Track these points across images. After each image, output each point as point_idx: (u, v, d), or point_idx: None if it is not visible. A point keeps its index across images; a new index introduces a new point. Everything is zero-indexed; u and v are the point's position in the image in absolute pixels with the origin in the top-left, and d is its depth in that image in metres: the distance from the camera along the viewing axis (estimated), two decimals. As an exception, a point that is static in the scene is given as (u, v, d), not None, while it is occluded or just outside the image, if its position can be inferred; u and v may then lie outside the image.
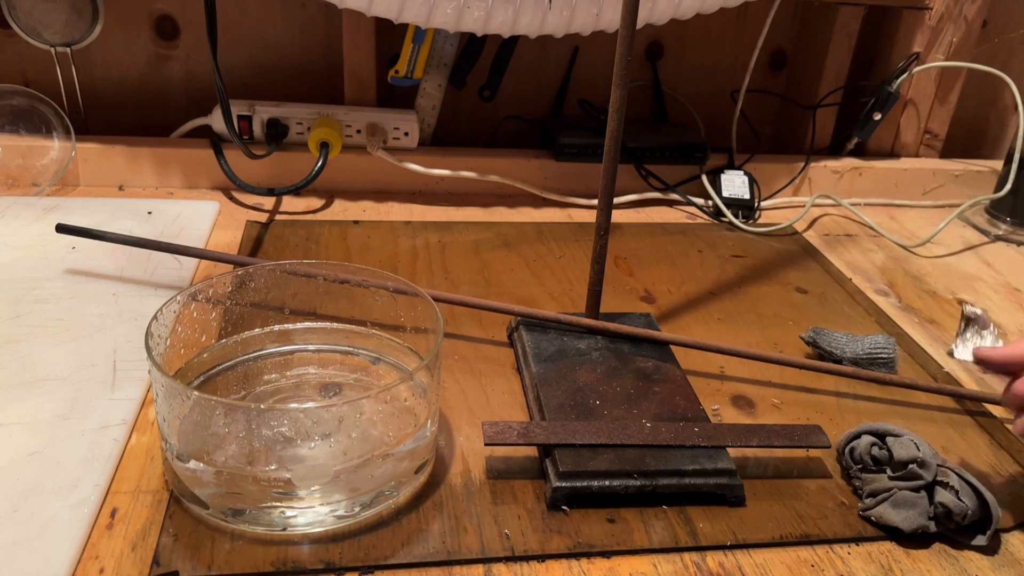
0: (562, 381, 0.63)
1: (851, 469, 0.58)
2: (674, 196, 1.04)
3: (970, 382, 0.72)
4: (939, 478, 0.53)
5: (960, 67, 1.10)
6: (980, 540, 0.53)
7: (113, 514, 0.50)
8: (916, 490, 0.53)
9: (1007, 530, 0.55)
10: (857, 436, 0.58)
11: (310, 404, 0.56)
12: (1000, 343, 0.71)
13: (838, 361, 0.71)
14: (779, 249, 0.95)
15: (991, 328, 0.72)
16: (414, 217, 0.95)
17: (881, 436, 0.57)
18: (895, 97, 1.06)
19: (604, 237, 0.67)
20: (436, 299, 0.59)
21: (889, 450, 0.55)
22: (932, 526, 0.53)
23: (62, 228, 0.74)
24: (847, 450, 0.58)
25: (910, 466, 0.54)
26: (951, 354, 0.72)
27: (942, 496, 0.53)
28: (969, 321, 0.72)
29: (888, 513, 0.53)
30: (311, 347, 0.64)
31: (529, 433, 0.56)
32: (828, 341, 0.72)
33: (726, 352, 0.69)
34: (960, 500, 0.52)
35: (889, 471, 0.55)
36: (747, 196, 1.02)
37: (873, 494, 0.55)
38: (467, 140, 1.10)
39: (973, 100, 1.22)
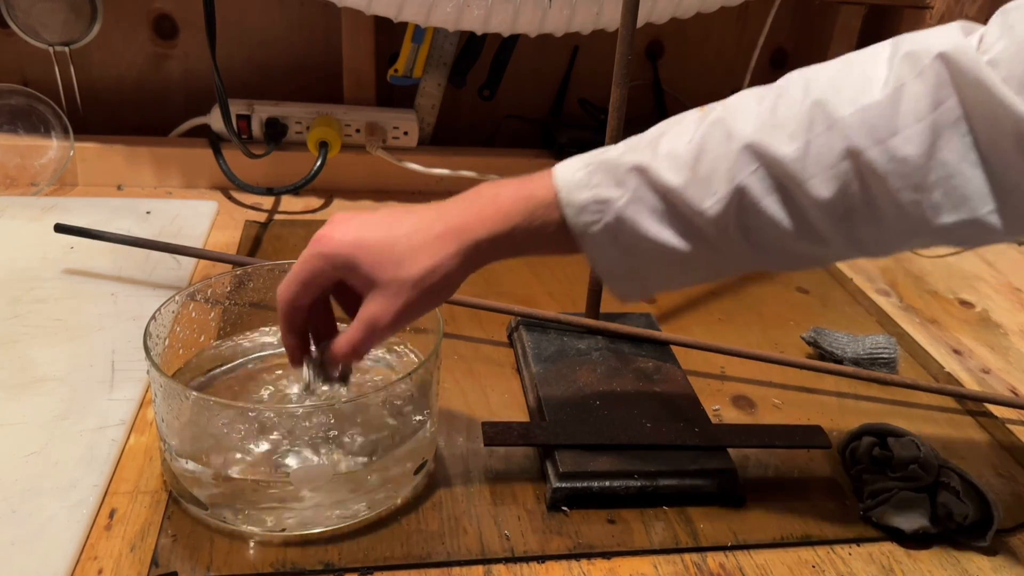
0: (562, 381, 0.62)
1: (852, 470, 0.58)
2: (674, 195, 1.03)
3: (971, 382, 0.72)
4: (941, 478, 0.53)
5: (960, 66, 1.10)
6: (981, 541, 0.53)
7: (112, 515, 0.50)
8: (917, 491, 0.53)
9: (1008, 531, 0.55)
10: (858, 436, 0.58)
11: (309, 404, 0.56)
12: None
13: (839, 361, 0.71)
14: (779, 249, 0.94)
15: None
16: (414, 217, 0.94)
17: (882, 436, 0.56)
18: (895, 96, 1.06)
19: (604, 237, 0.67)
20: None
21: (890, 450, 0.55)
22: (933, 527, 0.53)
23: (61, 228, 0.74)
24: (848, 451, 0.58)
25: (911, 466, 0.53)
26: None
27: (944, 497, 0.53)
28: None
29: (889, 514, 0.53)
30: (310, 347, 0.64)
31: (529, 434, 0.56)
32: (829, 341, 0.72)
33: (727, 352, 0.69)
34: (961, 501, 0.52)
35: (890, 471, 0.55)
36: (747, 195, 1.02)
37: (874, 495, 0.55)
38: (467, 140, 1.09)
39: (973, 99, 1.22)
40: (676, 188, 0.45)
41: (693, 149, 0.46)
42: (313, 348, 0.52)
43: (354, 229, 0.48)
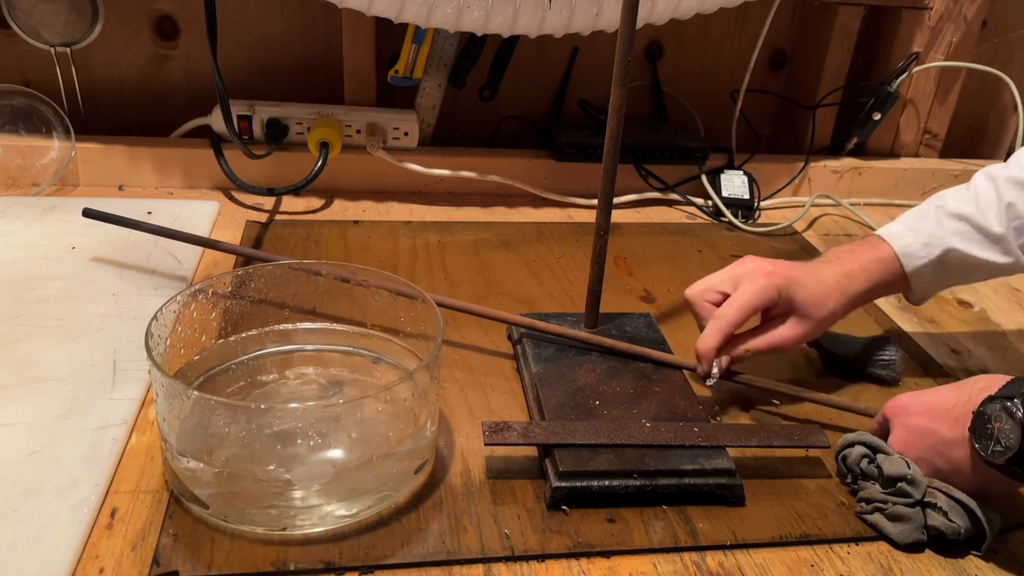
0: (562, 381, 0.63)
1: (845, 477, 0.58)
2: (674, 196, 1.04)
3: (970, 382, 0.72)
4: (927, 499, 0.53)
5: (960, 67, 1.10)
6: (976, 552, 0.53)
7: (113, 514, 0.50)
8: (909, 505, 0.53)
9: (1008, 530, 0.55)
10: (851, 444, 0.58)
11: (310, 404, 0.56)
12: None
13: (839, 360, 0.71)
14: (779, 249, 0.95)
15: None
16: (414, 217, 0.95)
17: (873, 450, 0.56)
18: (895, 97, 1.06)
19: (604, 237, 0.67)
20: (439, 304, 0.59)
21: (879, 466, 0.55)
22: (926, 539, 0.53)
23: (89, 213, 0.75)
24: (840, 457, 0.58)
25: (899, 484, 0.53)
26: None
27: (933, 519, 0.53)
28: None
29: (883, 524, 0.53)
30: (311, 347, 0.64)
31: (529, 433, 0.56)
32: (829, 341, 0.72)
33: (744, 384, 0.67)
34: (951, 521, 0.52)
35: (879, 485, 0.55)
36: (747, 196, 1.02)
37: (867, 500, 0.55)
38: (467, 140, 1.10)
39: (973, 100, 1.22)
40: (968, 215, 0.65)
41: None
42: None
43: (783, 267, 0.64)
